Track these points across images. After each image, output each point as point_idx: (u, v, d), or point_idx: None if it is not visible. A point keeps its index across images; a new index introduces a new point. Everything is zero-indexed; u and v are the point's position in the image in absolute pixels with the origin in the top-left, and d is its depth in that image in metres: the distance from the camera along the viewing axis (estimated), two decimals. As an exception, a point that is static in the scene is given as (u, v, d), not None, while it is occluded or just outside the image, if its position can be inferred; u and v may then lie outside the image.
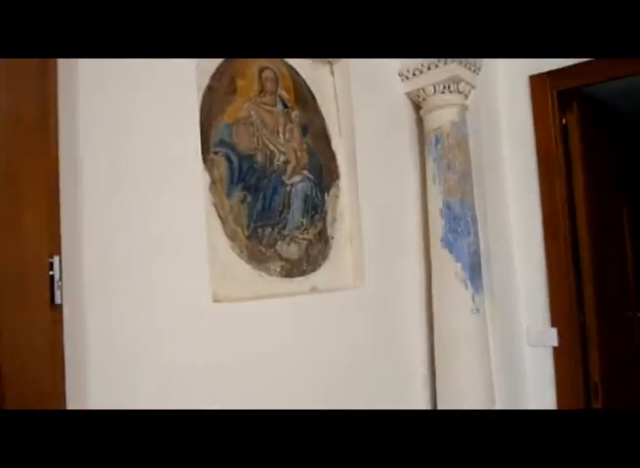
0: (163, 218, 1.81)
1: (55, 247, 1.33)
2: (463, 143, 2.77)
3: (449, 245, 2.71)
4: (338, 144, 2.58)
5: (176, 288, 1.83)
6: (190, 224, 1.90)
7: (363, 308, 2.51)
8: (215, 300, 1.95)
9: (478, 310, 2.69)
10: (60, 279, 1.34)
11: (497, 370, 2.79)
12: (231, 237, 2.10)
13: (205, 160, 2.05)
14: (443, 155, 2.75)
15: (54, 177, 1.35)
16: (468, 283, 2.69)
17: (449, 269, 2.71)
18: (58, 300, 1.34)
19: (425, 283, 2.83)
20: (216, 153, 2.09)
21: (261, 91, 2.29)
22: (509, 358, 2.98)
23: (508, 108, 3.13)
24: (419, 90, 2.79)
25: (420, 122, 2.90)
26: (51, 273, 1.33)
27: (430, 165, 2.79)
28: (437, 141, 2.77)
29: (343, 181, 2.57)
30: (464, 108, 2.80)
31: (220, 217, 2.07)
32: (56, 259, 1.34)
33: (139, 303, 1.72)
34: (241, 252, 2.12)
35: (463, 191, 2.74)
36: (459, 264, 2.69)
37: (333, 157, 2.55)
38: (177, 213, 1.86)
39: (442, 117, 2.76)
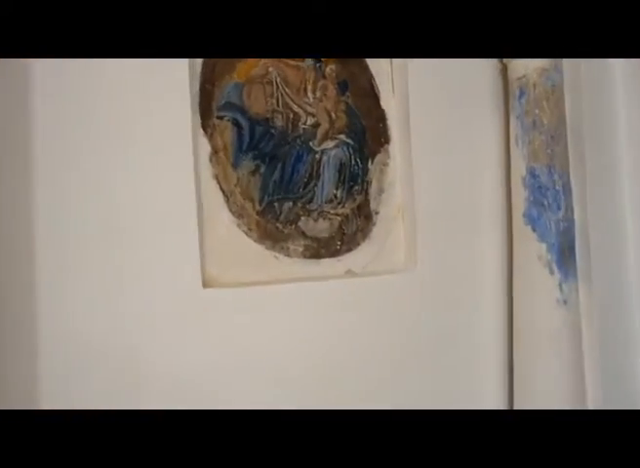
0: (136, 192, 1.63)
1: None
2: (555, 95, 2.22)
3: (532, 221, 2.22)
4: (389, 102, 2.19)
5: (153, 271, 1.64)
6: (176, 199, 1.69)
7: (416, 295, 2.13)
8: (206, 285, 1.72)
9: (566, 302, 2.17)
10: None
11: (593, 380, 2.26)
12: (237, 213, 1.85)
13: (205, 126, 1.82)
14: (528, 110, 2.23)
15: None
16: (555, 267, 2.18)
17: (530, 250, 2.21)
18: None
19: (507, 267, 2.35)
20: (220, 118, 1.85)
21: (285, 43, 1.98)
22: (612, 364, 2.41)
23: (623, 48, 2.47)
24: (500, 32, 2.29)
25: (504, 71, 2.39)
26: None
27: (513, 123, 2.29)
28: (521, 94, 2.25)
29: (395, 146, 2.19)
30: (559, 51, 2.25)
31: (223, 191, 1.83)
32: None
33: (99, 289, 1.56)
34: (249, 229, 1.87)
35: (552, 155, 2.21)
36: (543, 245, 2.19)
37: (382, 118, 2.17)
38: (158, 186, 1.66)
39: (528, 63, 2.24)
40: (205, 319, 1.70)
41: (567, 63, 2.28)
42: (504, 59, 2.32)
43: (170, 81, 1.69)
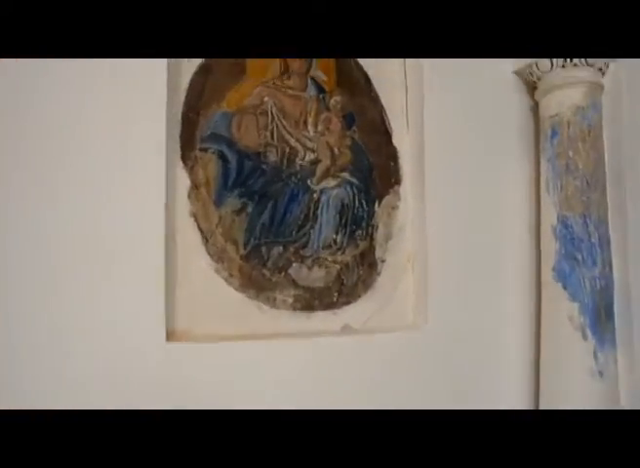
0: (98, 227, 1.44)
1: None
2: (592, 136, 1.97)
3: (563, 277, 1.94)
4: (402, 139, 1.97)
5: (108, 320, 1.42)
6: (144, 239, 1.48)
7: (425, 357, 1.87)
8: (170, 339, 1.50)
9: (602, 373, 1.87)
10: None
11: None
12: (217, 257, 1.64)
13: (185, 158, 1.63)
14: (560, 152, 1.98)
15: None
16: (588, 332, 1.89)
17: (560, 310, 1.93)
18: None
19: (534, 329, 2.06)
20: (204, 150, 1.66)
21: (285, 71, 1.80)
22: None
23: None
24: (531, 66, 2.05)
25: (535, 108, 2.15)
26: None
27: (544, 166, 2.04)
28: (554, 134, 2.01)
29: (407, 188, 1.97)
30: (597, 88, 2.00)
31: (202, 231, 1.63)
32: None
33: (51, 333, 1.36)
34: (230, 275, 1.65)
35: (588, 202, 1.94)
36: (575, 305, 1.91)
37: (393, 155, 1.96)
38: (124, 222, 1.46)
39: (562, 101, 1.99)
40: (166, 378, 1.47)
41: (606, 101, 2.03)
42: (536, 96, 2.09)
43: (145, 104, 1.51)
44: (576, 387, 1.88)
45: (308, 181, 1.79)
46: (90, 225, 1.43)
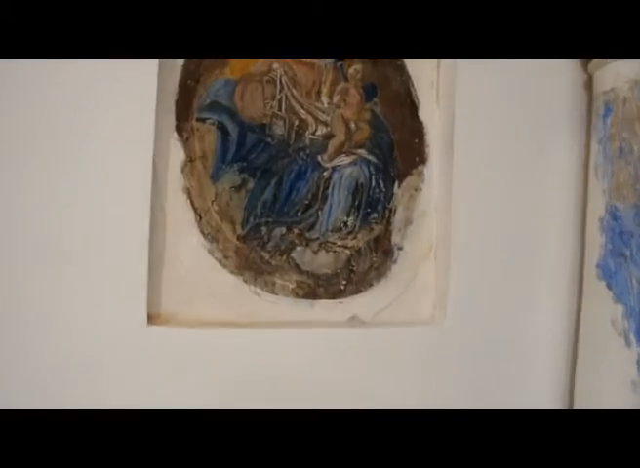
0: (82, 200, 1.35)
1: None
2: (652, 115, 1.71)
3: (607, 275, 1.72)
4: (431, 113, 1.78)
5: (86, 298, 1.34)
6: (130, 215, 1.39)
7: (442, 357, 1.69)
8: (152, 322, 1.40)
9: (646, 387, 1.64)
10: None
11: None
12: (211, 236, 1.53)
13: (180, 129, 1.51)
14: (613, 133, 1.74)
15: None
16: (633, 338, 1.66)
17: (602, 312, 1.72)
18: None
19: (572, 332, 1.85)
20: (201, 120, 1.54)
21: (299, 36, 1.64)
22: None
23: None
24: (585, 33, 1.81)
25: (589, 83, 1.90)
26: None
27: (594, 149, 1.80)
28: (607, 111, 1.76)
29: (433, 168, 1.78)
30: (661, 58, 1.74)
31: (195, 208, 1.51)
32: None
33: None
34: (225, 257, 1.53)
35: (643, 192, 1.70)
36: (619, 307, 1.69)
37: (418, 132, 1.77)
38: (108, 196, 1.38)
39: (619, 73, 1.74)
40: (145, 364, 1.37)
41: (672, 74, 1.76)
42: (590, 68, 1.84)
43: (135, 71, 1.39)
44: (615, 401, 1.66)
45: (319, 158, 1.64)
46: (69, 197, 1.34)
